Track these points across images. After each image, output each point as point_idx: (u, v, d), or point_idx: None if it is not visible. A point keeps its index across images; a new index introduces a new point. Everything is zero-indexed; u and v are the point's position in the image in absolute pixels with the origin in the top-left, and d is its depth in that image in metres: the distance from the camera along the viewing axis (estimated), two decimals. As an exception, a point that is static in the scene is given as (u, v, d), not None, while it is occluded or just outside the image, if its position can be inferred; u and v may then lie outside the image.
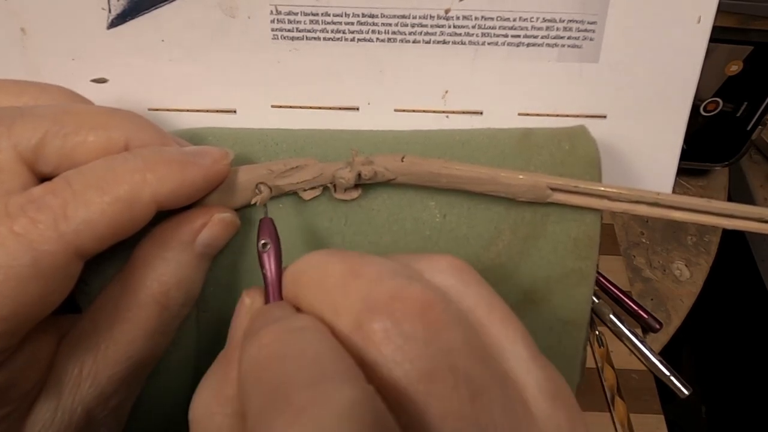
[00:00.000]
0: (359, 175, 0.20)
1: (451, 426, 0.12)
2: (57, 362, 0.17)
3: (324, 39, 0.23)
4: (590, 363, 0.36)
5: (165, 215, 0.18)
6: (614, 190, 0.21)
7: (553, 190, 0.21)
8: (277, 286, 0.17)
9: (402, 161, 0.20)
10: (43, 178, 0.16)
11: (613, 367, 0.35)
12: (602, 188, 0.21)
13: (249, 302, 0.17)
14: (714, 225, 0.21)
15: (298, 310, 0.16)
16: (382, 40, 0.23)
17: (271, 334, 0.14)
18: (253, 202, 0.20)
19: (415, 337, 0.13)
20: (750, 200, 0.52)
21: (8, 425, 0.16)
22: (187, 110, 0.23)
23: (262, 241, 0.18)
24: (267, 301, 0.17)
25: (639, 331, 0.38)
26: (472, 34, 0.23)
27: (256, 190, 0.20)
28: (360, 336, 0.13)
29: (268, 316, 0.15)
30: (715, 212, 0.20)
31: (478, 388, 0.13)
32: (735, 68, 0.39)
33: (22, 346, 0.16)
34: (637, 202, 0.21)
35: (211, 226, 0.19)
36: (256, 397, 0.13)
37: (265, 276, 0.17)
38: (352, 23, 0.22)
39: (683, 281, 0.43)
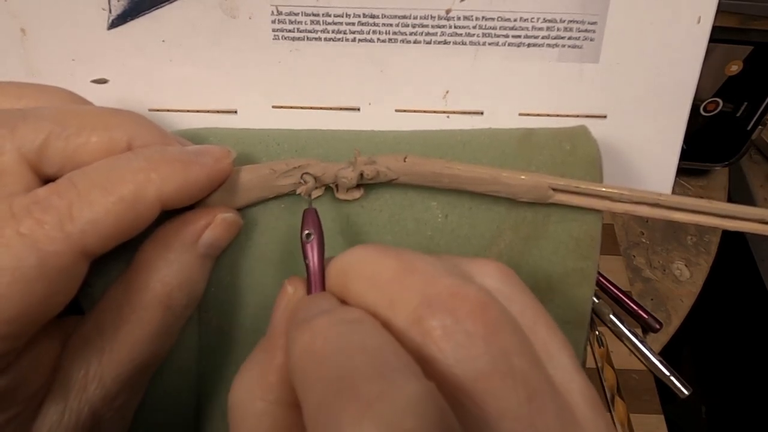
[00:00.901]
0: (362, 174, 0.20)
1: (508, 426, 0.13)
2: (63, 364, 0.17)
3: (325, 39, 0.23)
4: (590, 363, 0.36)
5: (168, 216, 0.18)
6: (616, 191, 0.21)
7: (555, 190, 0.21)
8: (320, 276, 0.17)
9: (404, 161, 0.20)
10: (47, 180, 0.16)
11: (613, 367, 0.35)
12: (604, 189, 0.21)
13: (291, 291, 0.17)
14: (715, 226, 0.21)
15: (343, 302, 0.16)
16: (383, 41, 0.23)
17: (325, 324, 0.14)
18: (298, 192, 0.20)
19: (475, 336, 0.13)
20: (750, 200, 0.52)
21: (16, 427, 0.16)
22: (188, 111, 0.23)
23: (306, 231, 0.18)
24: (309, 291, 0.17)
25: (639, 331, 0.38)
26: (473, 35, 0.23)
27: (301, 180, 0.20)
28: (418, 331, 0.14)
29: (315, 306, 0.15)
30: (716, 213, 0.21)
31: (534, 390, 0.13)
32: (735, 68, 0.39)
33: (28, 348, 0.16)
34: (638, 203, 0.21)
35: (213, 226, 0.19)
36: (317, 388, 0.13)
37: (308, 266, 0.17)
38: (353, 23, 0.22)
39: (683, 281, 0.43)
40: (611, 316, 0.38)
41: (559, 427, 0.13)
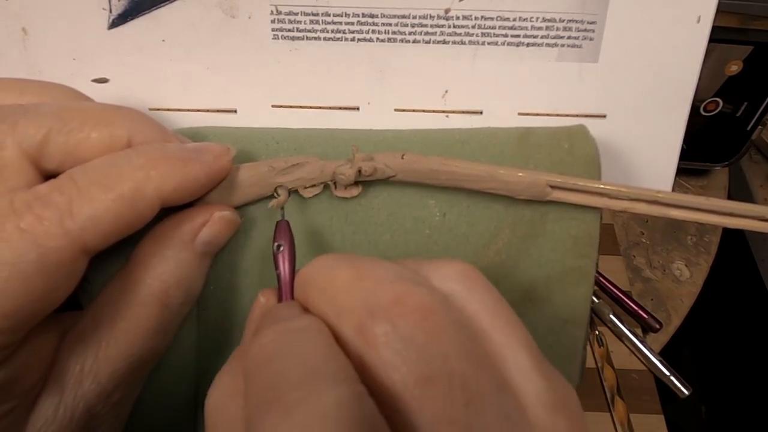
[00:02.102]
0: (360, 171, 0.20)
1: (442, 430, 0.13)
2: (59, 359, 0.17)
3: (324, 39, 0.23)
4: (590, 363, 0.36)
5: (167, 213, 0.19)
6: (614, 188, 0.21)
7: (553, 187, 0.21)
8: (290, 286, 0.17)
9: (402, 159, 0.20)
10: (48, 175, 0.16)
11: (613, 367, 0.35)
12: (602, 186, 0.21)
13: (263, 301, 0.17)
14: (714, 223, 0.21)
15: (307, 311, 0.16)
16: (382, 40, 0.23)
17: (272, 333, 0.14)
18: (270, 205, 0.20)
19: (414, 342, 0.13)
20: (750, 200, 0.52)
21: (12, 421, 0.16)
22: (188, 110, 0.23)
23: (277, 243, 0.18)
24: (280, 300, 0.17)
25: (639, 331, 0.38)
26: (472, 34, 0.23)
27: (274, 194, 0.20)
28: (361, 339, 0.14)
29: (274, 315, 0.15)
30: (715, 210, 0.20)
31: (473, 394, 0.13)
32: (735, 68, 0.39)
33: (26, 343, 0.16)
34: (636, 200, 0.21)
35: (211, 224, 0.19)
36: (253, 394, 0.13)
37: (279, 276, 0.18)
38: (353, 23, 0.22)
39: (683, 281, 0.43)
40: (611, 316, 0.38)
41: (500, 430, 0.13)
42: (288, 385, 0.12)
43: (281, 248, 0.18)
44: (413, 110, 0.24)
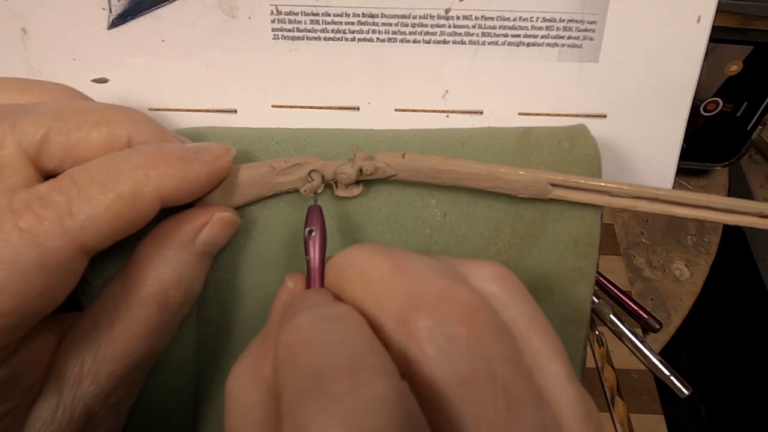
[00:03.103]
0: (360, 170, 0.20)
1: None
2: (58, 359, 0.17)
3: (324, 39, 0.23)
4: (590, 363, 0.36)
5: (167, 214, 0.19)
6: (615, 186, 0.21)
7: (554, 186, 0.21)
8: (320, 273, 0.17)
9: (403, 158, 0.20)
10: (47, 175, 0.16)
11: (613, 367, 0.35)
12: (603, 184, 0.21)
13: (291, 285, 0.17)
14: (714, 220, 0.21)
15: (339, 299, 0.16)
16: (383, 40, 0.23)
17: (309, 320, 0.14)
18: (303, 190, 0.20)
19: (459, 340, 0.13)
20: (750, 200, 0.52)
21: (10, 421, 0.16)
22: (188, 110, 0.23)
23: (309, 228, 0.18)
24: (308, 286, 0.17)
25: (639, 331, 0.38)
26: (473, 34, 0.23)
27: (308, 178, 0.20)
28: (403, 332, 0.13)
29: (307, 301, 0.15)
30: (716, 207, 0.20)
31: (515, 399, 0.13)
32: (735, 68, 0.39)
33: (25, 343, 0.16)
34: (637, 197, 0.21)
35: (211, 225, 0.19)
36: (292, 381, 0.13)
37: (308, 262, 0.17)
38: (353, 23, 0.22)
39: (683, 281, 0.43)
40: (611, 316, 0.38)
41: None
42: (331, 374, 0.12)
43: (313, 233, 0.18)
44: (413, 110, 0.24)
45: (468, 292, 0.14)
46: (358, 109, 0.24)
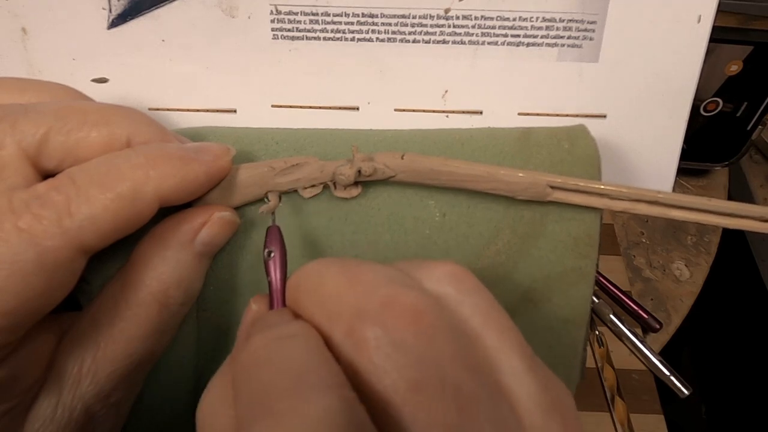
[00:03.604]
0: (359, 171, 0.20)
1: None
2: (57, 359, 0.17)
3: (324, 39, 0.23)
4: (590, 363, 0.36)
5: (166, 214, 0.19)
6: (614, 189, 0.21)
7: (553, 188, 0.21)
8: (281, 293, 0.17)
9: (402, 159, 0.20)
10: (47, 175, 0.16)
11: (613, 367, 0.35)
12: (602, 186, 0.21)
13: (255, 308, 0.17)
14: (714, 224, 0.21)
15: (299, 317, 0.16)
16: (382, 40, 0.23)
17: (261, 340, 0.14)
18: (261, 211, 0.20)
19: (405, 346, 0.13)
20: (750, 200, 0.52)
21: (9, 421, 0.16)
22: (188, 110, 0.23)
23: (268, 249, 0.18)
24: (271, 307, 0.17)
25: (639, 331, 0.38)
26: (472, 34, 0.23)
27: (265, 199, 0.20)
28: (351, 343, 0.13)
29: (264, 322, 0.15)
30: (716, 211, 0.20)
31: (466, 399, 0.13)
32: (735, 68, 0.39)
33: (24, 342, 0.16)
34: (636, 200, 0.21)
35: (210, 225, 0.19)
36: (243, 402, 0.13)
37: (270, 283, 0.17)
38: (352, 23, 0.22)
39: (683, 281, 0.43)
40: (611, 316, 0.38)
41: None
42: (276, 393, 0.12)
43: (272, 254, 0.18)
44: (413, 110, 0.24)
45: (415, 295, 0.14)
46: (358, 109, 0.24)
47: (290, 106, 0.24)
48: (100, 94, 0.23)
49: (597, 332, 0.37)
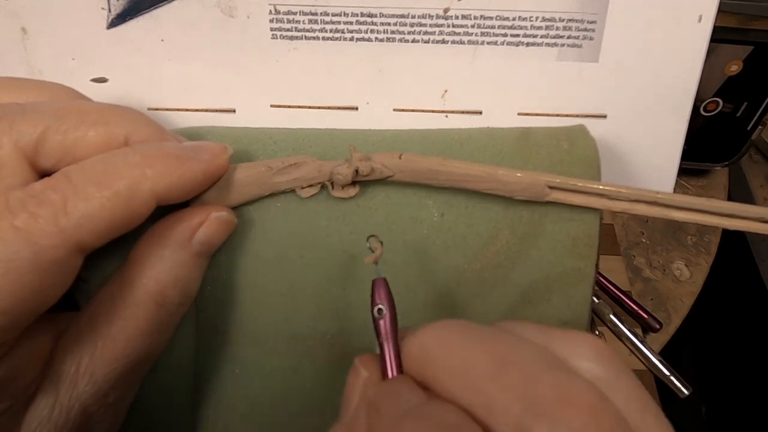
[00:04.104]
0: (357, 171, 0.20)
1: None
2: (54, 359, 0.17)
3: (323, 39, 0.23)
4: (590, 363, 0.36)
5: (164, 213, 0.19)
6: (613, 189, 0.20)
7: (552, 188, 0.21)
8: (397, 359, 0.16)
9: (400, 158, 0.20)
10: (44, 174, 0.16)
11: (613, 367, 0.35)
12: (601, 187, 0.20)
13: (366, 375, 0.16)
14: (714, 225, 0.21)
15: (421, 385, 0.15)
16: (381, 40, 0.23)
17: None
18: (367, 261, 0.19)
19: None
20: (750, 200, 0.52)
21: (6, 421, 0.16)
22: (187, 110, 0.23)
23: (378, 307, 0.16)
24: (384, 374, 0.16)
25: (639, 331, 0.38)
26: (472, 34, 0.23)
27: (370, 249, 0.19)
28: None
29: (401, 400, 0.14)
30: (715, 212, 0.20)
31: None
32: (735, 68, 0.39)
33: (21, 342, 0.16)
34: (636, 201, 0.21)
35: (208, 224, 0.19)
36: None
37: (381, 346, 0.16)
38: (351, 23, 0.22)
39: (683, 281, 0.43)
40: (611, 316, 0.37)
41: None
42: None
43: (383, 313, 0.16)
44: (412, 110, 0.24)
45: (587, 389, 0.13)
46: (357, 109, 0.24)
47: (289, 106, 0.24)
48: (99, 93, 0.23)
49: (597, 332, 0.37)
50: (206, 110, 0.24)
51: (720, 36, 0.37)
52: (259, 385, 0.22)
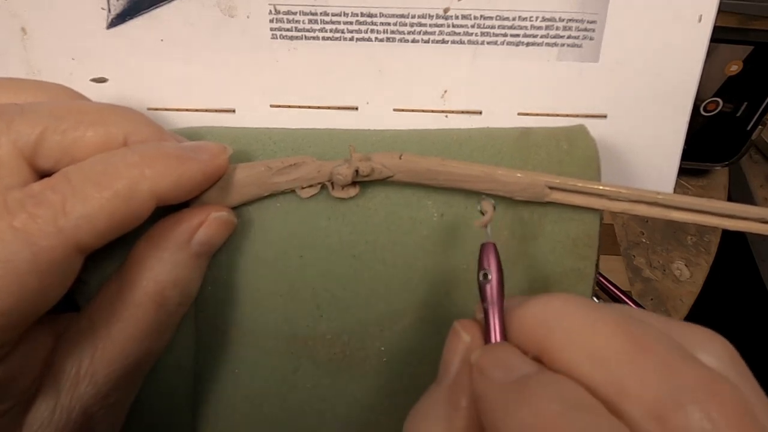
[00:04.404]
0: (357, 171, 0.20)
1: None
2: (55, 360, 0.17)
3: (323, 38, 0.23)
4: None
5: (164, 214, 0.18)
6: (613, 189, 0.20)
7: (551, 188, 0.21)
8: (502, 324, 0.15)
9: (400, 159, 0.20)
10: (43, 174, 0.16)
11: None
12: (601, 187, 0.20)
13: (468, 339, 0.16)
14: (714, 225, 0.21)
15: (528, 354, 0.15)
16: (381, 40, 0.23)
17: (550, 404, 0.13)
18: (476, 224, 0.18)
19: None
20: (750, 200, 0.52)
21: (7, 422, 0.16)
22: (186, 110, 0.23)
23: (484, 271, 0.16)
24: (487, 339, 0.16)
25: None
26: (471, 34, 0.23)
27: (481, 210, 0.18)
28: (660, 429, 0.12)
29: (510, 366, 0.14)
30: (715, 212, 0.20)
31: None
32: (735, 68, 0.39)
33: (22, 343, 0.16)
34: (636, 201, 0.21)
35: (207, 225, 0.19)
36: None
37: (486, 311, 0.16)
38: (351, 23, 0.22)
39: (683, 281, 0.43)
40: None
41: None
42: None
43: (489, 277, 0.16)
44: (412, 110, 0.24)
45: (731, 386, 0.13)
46: (357, 109, 0.24)
47: (289, 106, 0.24)
48: (99, 93, 0.23)
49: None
50: (206, 110, 0.24)
51: (720, 36, 0.37)
52: (259, 385, 0.22)
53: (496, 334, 0.15)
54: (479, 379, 0.14)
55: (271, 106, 0.24)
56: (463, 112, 0.24)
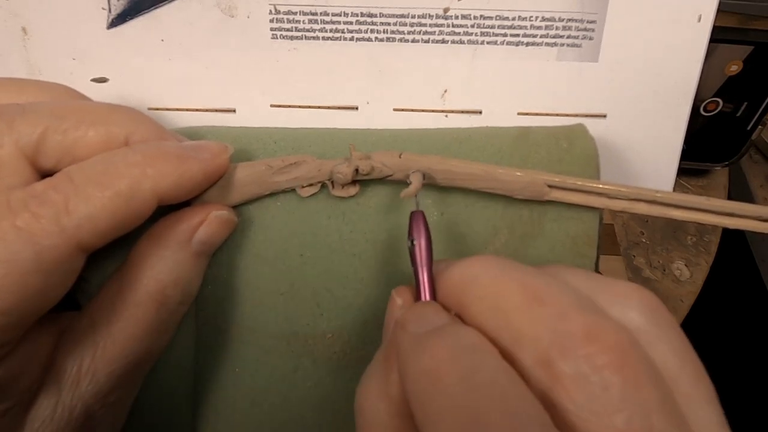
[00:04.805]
0: (357, 170, 0.20)
1: None
2: (56, 359, 0.17)
3: (323, 38, 0.23)
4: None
5: (164, 213, 0.19)
6: (613, 188, 0.20)
7: (551, 187, 0.21)
8: (430, 285, 0.16)
9: (400, 158, 0.20)
10: (45, 174, 0.17)
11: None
12: (600, 186, 0.21)
13: (400, 302, 0.17)
14: (714, 224, 0.21)
15: (452, 315, 0.15)
16: (381, 40, 0.23)
17: (444, 348, 0.13)
18: (402, 195, 0.19)
19: (613, 387, 0.12)
20: (750, 200, 0.52)
21: (9, 421, 0.16)
22: (187, 109, 0.24)
23: (411, 238, 0.17)
24: (417, 300, 0.16)
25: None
26: (471, 34, 0.23)
27: (407, 181, 0.19)
28: (546, 374, 0.13)
29: (426, 319, 0.15)
30: (715, 211, 0.20)
31: None
32: (735, 68, 0.39)
33: (23, 342, 0.16)
34: (635, 200, 0.21)
35: (208, 224, 0.19)
36: (443, 423, 0.12)
37: (416, 272, 0.16)
38: (351, 23, 0.22)
39: (683, 281, 0.43)
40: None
41: None
42: (495, 425, 0.11)
43: (415, 243, 0.17)
44: (412, 110, 0.24)
45: (617, 330, 0.13)
46: (357, 108, 0.24)
47: (289, 106, 0.24)
48: (99, 93, 0.23)
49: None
50: (206, 110, 0.24)
51: (720, 36, 0.37)
52: (259, 384, 0.22)
53: (425, 295, 0.16)
54: (398, 333, 0.15)
55: (272, 105, 0.24)
56: (463, 112, 0.24)
